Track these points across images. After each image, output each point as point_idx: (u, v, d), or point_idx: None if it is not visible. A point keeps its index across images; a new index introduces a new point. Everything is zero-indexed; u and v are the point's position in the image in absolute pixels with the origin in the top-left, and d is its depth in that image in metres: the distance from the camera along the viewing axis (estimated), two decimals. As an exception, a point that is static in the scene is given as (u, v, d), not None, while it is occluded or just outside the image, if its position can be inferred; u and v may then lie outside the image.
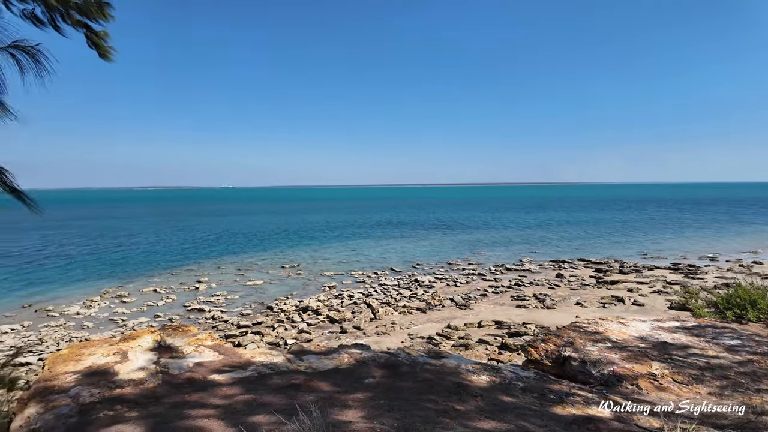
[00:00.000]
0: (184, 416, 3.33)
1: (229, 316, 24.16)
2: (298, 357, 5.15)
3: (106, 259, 41.92)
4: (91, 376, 4.22)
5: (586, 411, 3.86)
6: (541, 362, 5.51)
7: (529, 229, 64.72)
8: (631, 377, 4.72)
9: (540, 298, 24.64)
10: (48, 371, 4.41)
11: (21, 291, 29.24)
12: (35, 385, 4.04)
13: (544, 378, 4.64)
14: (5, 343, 19.93)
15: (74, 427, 3.29)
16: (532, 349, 5.67)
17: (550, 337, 5.86)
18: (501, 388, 4.31)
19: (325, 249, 46.56)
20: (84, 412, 3.54)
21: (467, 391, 4.10)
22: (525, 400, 4.06)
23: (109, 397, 3.78)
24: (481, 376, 4.57)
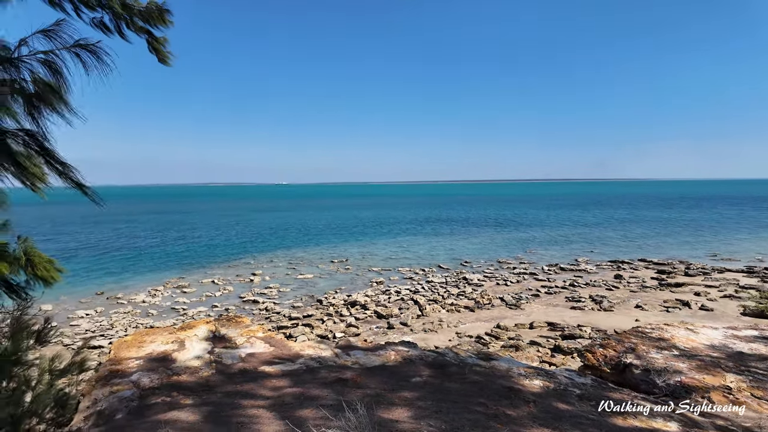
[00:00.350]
0: (236, 406, 3.42)
1: (281, 308, 24.92)
2: (345, 352, 5.18)
3: (170, 251, 44.59)
4: (151, 362, 4.45)
5: (651, 424, 3.58)
6: (599, 368, 5.19)
7: (586, 227, 61.84)
8: (702, 389, 4.33)
9: (596, 299, 23.46)
10: (114, 356, 4.70)
11: (95, 279, 31.73)
12: (102, 368, 4.32)
13: (603, 385, 4.36)
14: (81, 327, 21.69)
15: (135, 411, 3.47)
16: (589, 355, 5.36)
17: (609, 342, 5.51)
18: (555, 394, 4.09)
19: (374, 245, 46.93)
20: (144, 396, 3.73)
21: (519, 396, 3.93)
22: (582, 408, 3.83)
23: (166, 384, 3.96)
24: (533, 380, 4.37)
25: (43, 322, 3.89)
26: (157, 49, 3.50)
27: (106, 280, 31.46)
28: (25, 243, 5.34)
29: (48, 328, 3.85)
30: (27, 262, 5.36)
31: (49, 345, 3.81)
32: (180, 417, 3.19)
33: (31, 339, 3.69)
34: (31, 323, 3.77)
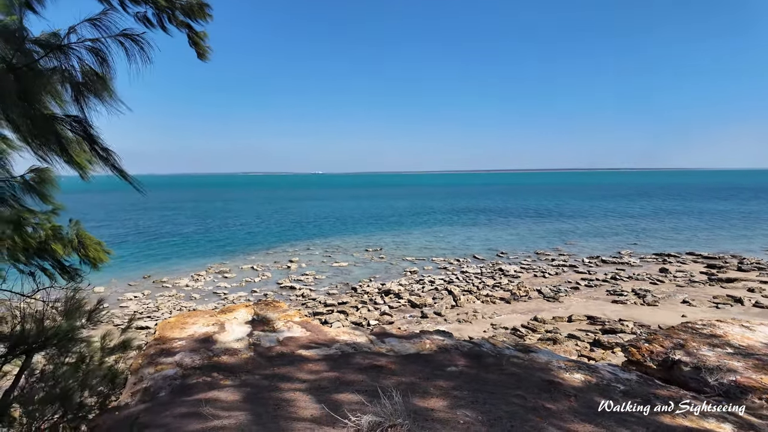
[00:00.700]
0: (273, 388, 3.48)
1: (317, 294, 25.39)
2: (380, 339, 5.18)
3: (212, 237, 46.24)
4: (193, 343, 4.62)
5: (702, 424, 3.38)
6: (643, 364, 4.96)
7: (631, 218, 59.25)
8: (760, 390, 4.05)
9: (640, 293, 22.51)
10: (159, 336, 4.91)
11: (143, 264, 33.37)
12: (147, 348, 4.51)
13: (649, 382, 4.16)
14: (130, 308, 22.91)
15: (178, 389, 3.61)
16: (634, 350, 5.13)
17: (656, 337, 5.25)
18: (598, 389, 3.94)
19: (408, 234, 46.87)
20: (186, 376, 3.87)
21: (559, 390, 3.81)
22: (626, 404, 3.67)
23: (207, 365, 4.09)
24: (574, 374, 4.22)
25: (95, 303, 4.10)
26: (197, 43, 3.56)
27: (153, 265, 33.01)
28: (76, 226, 5.63)
29: (99, 309, 4.06)
30: (78, 244, 5.67)
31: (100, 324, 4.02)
32: (220, 396, 3.28)
33: (84, 318, 3.90)
34: (83, 303, 3.98)
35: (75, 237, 5.62)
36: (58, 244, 5.40)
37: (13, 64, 1.87)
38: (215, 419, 2.73)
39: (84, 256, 5.66)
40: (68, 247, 5.59)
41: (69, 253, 5.59)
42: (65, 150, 2.30)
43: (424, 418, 2.99)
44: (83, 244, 5.63)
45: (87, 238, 5.68)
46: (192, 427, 2.61)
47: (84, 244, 5.63)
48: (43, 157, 2.29)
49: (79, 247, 5.65)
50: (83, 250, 5.62)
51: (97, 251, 5.72)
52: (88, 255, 5.65)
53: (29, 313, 3.54)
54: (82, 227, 5.69)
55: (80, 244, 5.66)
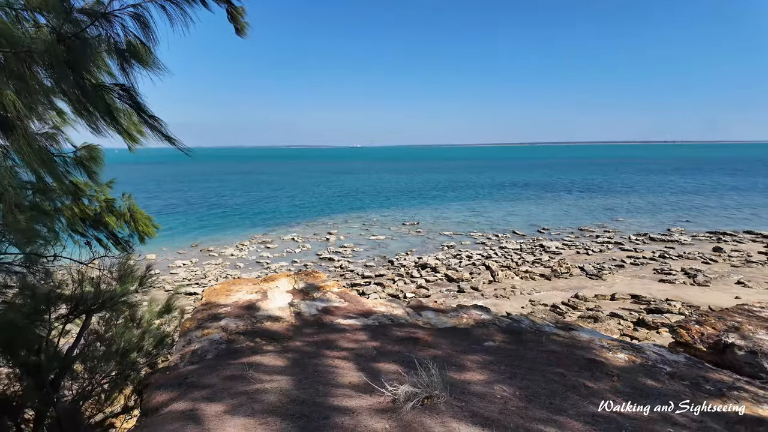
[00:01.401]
0: (314, 355, 3.59)
1: (355, 266, 25.82)
2: (416, 312, 5.21)
3: (256, 209, 47.68)
4: (237, 309, 4.81)
5: (756, 411, 3.20)
6: (693, 346, 4.73)
7: (683, 194, 55.95)
8: (824, 379, 3.78)
9: (690, 273, 21.42)
10: (206, 302, 5.14)
11: (191, 233, 34.97)
12: (195, 313, 4.74)
13: (699, 365, 3.97)
14: (179, 275, 24.19)
15: (224, 353, 3.78)
16: (682, 331, 4.90)
17: (708, 318, 4.98)
18: (643, 370, 3.80)
19: (446, 208, 46.46)
20: (231, 341, 4.04)
21: (601, 369, 3.70)
22: (673, 387, 3.52)
23: (251, 330, 4.25)
24: (618, 354, 4.09)
25: (145, 269, 4.32)
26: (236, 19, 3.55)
27: (200, 234, 34.53)
28: (129, 200, 5.92)
29: (149, 275, 4.28)
30: (130, 218, 5.96)
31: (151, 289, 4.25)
32: (263, 361, 3.41)
33: (136, 283, 4.13)
34: (135, 270, 4.21)
35: (127, 210, 5.92)
36: (111, 217, 5.70)
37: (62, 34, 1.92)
38: (258, 383, 2.85)
39: (134, 230, 5.96)
40: (120, 219, 5.90)
41: (121, 225, 5.90)
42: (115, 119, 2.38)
43: (461, 391, 2.99)
44: (134, 217, 5.92)
45: (138, 212, 5.97)
46: (236, 389, 2.74)
47: (135, 218, 5.92)
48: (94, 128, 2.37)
49: (130, 221, 5.95)
50: (134, 223, 5.91)
51: (146, 225, 6.00)
52: (138, 228, 5.95)
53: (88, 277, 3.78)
54: (134, 201, 5.98)
55: (132, 218, 5.96)
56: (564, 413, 2.81)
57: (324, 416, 2.39)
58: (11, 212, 2.73)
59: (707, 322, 4.92)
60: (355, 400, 2.67)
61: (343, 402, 2.59)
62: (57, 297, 3.32)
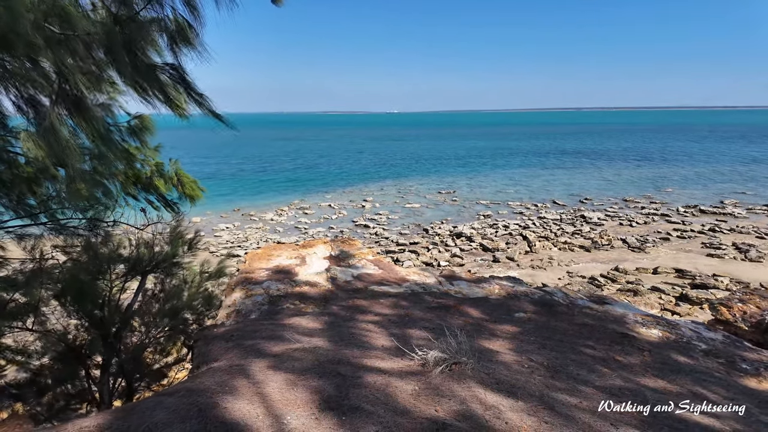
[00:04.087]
0: (349, 318, 3.79)
1: (390, 233, 26.12)
2: (449, 281, 5.32)
3: (294, 176, 48.61)
4: (278, 273, 5.08)
5: (794, 392, 3.15)
6: (734, 324, 4.63)
7: (743, 163, 52.21)
8: None
9: (741, 248, 20.31)
10: (248, 266, 5.44)
11: (234, 197, 36.24)
12: (238, 275, 5.05)
13: (737, 344, 3.90)
14: (222, 238, 25.30)
15: (266, 313, 4.05)
16: (723, 308, 4.78)
17: (752, 296, 4.82)
18: (676, 346, 3.78)
19: (484, 177, 45.65)
20: (273, 302, 4.31)
21: (633, 344, 3.71)
22: (706, 364, 3.50)
23: (291, 293, 4.51)
24: (651, 329, 4.07)
25: (194, 233, 4.62)
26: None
27: (242, 199, 35.73)
28: (175, 165, 6.23)
29: (197, 238, 4.58)
30: (177, 182, 6.29)
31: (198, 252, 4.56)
32: (301, 323, 3.64)
33: (185, 246, 4.43)
34: (184, 233, 4.51)
35: (174, 175, 6.25)
36: (160, 180, 6.05)
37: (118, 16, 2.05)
38: (297, 342, 3.06)
39: (182, 193, 6.31)
40: (169, 183, 6.24)
41: (169, 189, 6.25)
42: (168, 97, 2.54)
43: (488, 359, 3.11)
44: (181, 181, 6.25)
45: (184, 176, 6.29)
46: (277, 348, 2.96)
47: (182, 182, 6.25)
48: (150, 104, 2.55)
49: (177, 184, 6.29)
50: (181, 186, 6.25)
51: (193, 189, 6.32)
52: (185, 191, 6.29)
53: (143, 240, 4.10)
54: (180, 166, 6.30)
55: (179, 182, 6.29)
56: (590, 384, 2.88)
57: (357, 376, 2.57)
58: (73, 182, 2.99)
59: (751, 300, 4.78)
60: (387, 362, 2.84)
61: (375, 363, 2.76)
62: (116, 258, 3.64)
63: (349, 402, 2.26)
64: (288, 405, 2.16)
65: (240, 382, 2.34)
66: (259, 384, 2.33)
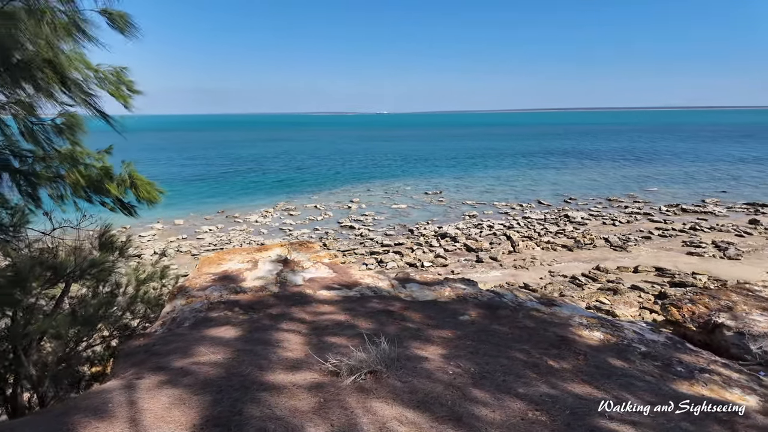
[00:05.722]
0: (276, 327, 3.67)
1: (375, 234, 26.01)
2: (402, 284, 5.23)
3: (281, 177, 48.30)
4: (223, 279, 4.95)
5: (723, 394, 3.10)
6: (683, 325, 4.58)
7: (726, 162, 52.83)
8: (811, 364, 3.60)
9: (721, 246, 20.49)
10: (198, 270, 5.31)
11: (218, 199, 35.91)
12: (185, 281, 4.92)
13: (678, 345, 3.84)
14: (205, 240, 25.01)
15: (200, 321, 3.93)
16: (674, 309, 4.74)
17: (702, 297, 4.79)
18: (615, 349, 3.71)
19: (470, 177, 45.71)
20: (210, 309, 4.18)
21: (570, 348, 3.64)
22: (642, 368, 3.44)
23: (231, 300, 4.39)
24: (594, 332, 4.00)
25: (125, 239, 4.48)
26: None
27: (227, 201, 35.40)
28: (129, 166, 6.08)
29: (128, 244, 4.44)
30: (131, 184, 6.13)
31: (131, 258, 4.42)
32: (227, 332, 3.53)
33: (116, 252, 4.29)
34: (115, 239, 4.37)
35: (128, 177, 6.09)
36: (112, 184, 5.90)
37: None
38: (209, 354, 2.95)
39: (137, 196, 6.16)
40: (122, 186, 6.09)
41: (122, 192, 6.10)
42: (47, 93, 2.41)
43: (412, 367, 3.01)
44: (135, 184, 6.10)
45: (139, 179, 6.12)
46: (185, 360, 2.84)
47: (135, 185, 6.10)
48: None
49: (131, 187, 6.14)
50: (135, 189, 6.10)
51: (149, 191, 6.16)
52: (140, 194, 6.13)
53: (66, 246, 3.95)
54: (134, 168, 6.14)
55: (132, 184, 6.13)
56: (511, 392, 2.79)
57: (261, 389, 2.46)
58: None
59: (700, 301, 4.74)
60: (299, 373, 2.74)
61: (280, 377, 2.65)
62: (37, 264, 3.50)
63: (240, 418, 2.16)
64: (165, 425, 2.05)
65: (122, 401, 2.22)
66: (143, 402, 2.21)
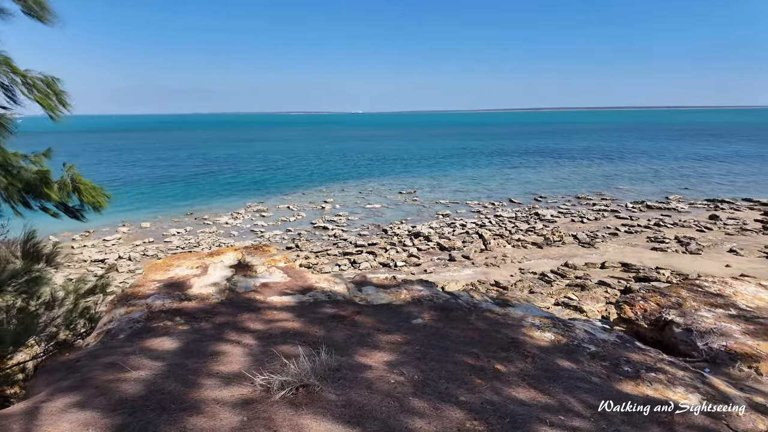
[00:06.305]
0: (219, 337, 3.50)
1: (349, 235, 25.82)
2: (358, 288, 5.11)
3: (253, 177, 47.47)
4: (169, 286, 4.72)
5: (666, 394, 3.10)
6: (635, 323, 4.62)
7: (688, 160, 54.85)
8: (751, 358, 3.66)
9: (683, 241, 21.19)
10: (143, 277, 5.06)
11: (187, 201, 34.99)
12: (128, 289, 4.67)
13: (627, 344, 3.85)
14: (173, 243, 24.28)
15: (136, 332, 3.71)
16: (627, 306, 4.78)
17: (653, 294, 4.84)
18: (565, 350, 3.69)
19: (444, 177, 45.99)
20: (150, 319, 3.96)
21: (519, 350, 3.60)
22: (590, 368, 3.42)
23: (173, 309, 4.17)
24: (545, 332, 3.98)
25: (52, 247, 4.22)
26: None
27: (196, 202, 34.55)
28: (70, 170, 5.75)
29: (56, 252, 4.18)
30: (74, 188, 5.80)
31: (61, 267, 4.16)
32: (163, 344, 3.33)
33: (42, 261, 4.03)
34: (41, 247, 4.10)
35: (70, 181, 5.76)
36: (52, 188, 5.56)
37: None
38: (136, 370, 2.76)
39: (81, 200, 5.83)
40: (63, 190, 5.75)
41: (65, 196, 5.76)
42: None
43: (353, 377, 2.90)
44: (77, 188, 5.77)
45: (82, 182, 5.79)
46: (107, 377, 2.65)
47: (78, 189, 5.77)
48: None
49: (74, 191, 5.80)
50: (78, 194, 5.77)
51: (94, 195, 5.84)
52: (83, 199, 5.81)
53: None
54: (77, 171, 5.81)
55: (75, 188, 5.80)
56: (452, 401, 2.71)
57: (183, 408, 2.30)
58: None
59: (652, 298, 4.79)
60: (229, 389, 2.59)
61: (205, 394, 2.50)
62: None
63: (152, 442, 2.00)
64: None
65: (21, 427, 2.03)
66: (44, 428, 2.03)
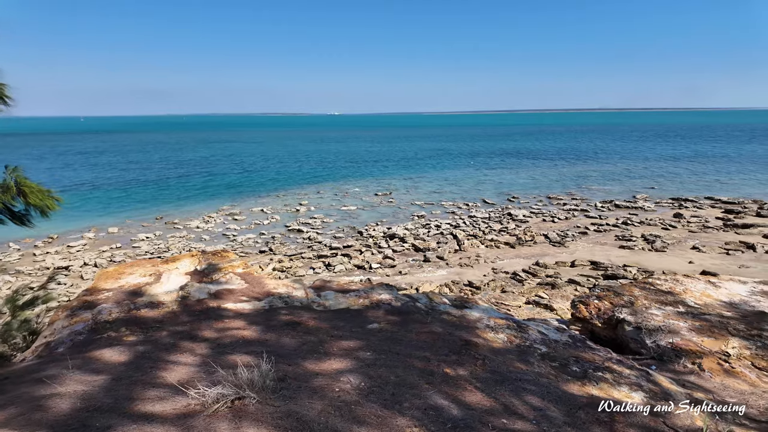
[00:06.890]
0: (169, 347, 3.39)
1: (324, 237, 25.64)
2: (317, 293, 5.05)
3: (226, 180, 46.65)
4: (120, 294, 4.57)
5: (611, 393, 3.16)
6: (590, 322, 4.71)
7: (655, 160, 56.69)
8: (695, 354, 3.77)
9: (649, 239, 21.87)
10: (92, 286, 4.87)
11: (156, 205, 34.11)
12: (73, 299, 4.48)
13: (578, 344, 3.92)
14: (141, 248, 23.61)
15: (78, 345, 3.56)
16: (582, 306, 4.87)
17: (607, 293, 4.95)
18: (516, 351, 3.73)
19: (420, 178, 46.24)
20: (95, 330, 3.82)
21: (471, 352, 3.61)
22: (539, 369, 3.46)
23: (122, 319, 4.03)
24: (499, 334, 4.01)
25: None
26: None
27: (166, 206, 33.71)
28: (14, 172, 5.49)
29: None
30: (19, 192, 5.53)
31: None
32: (105, 356, 3.21)
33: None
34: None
35: (13, 184, 5.50)
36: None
37: None
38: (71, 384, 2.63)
39: (27, 204, 5.57)
40: (7, 194, 5.48)
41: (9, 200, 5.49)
42: None
43: (297, 386, 2.85)
44: (22, 191, 5.51)
45: (27, 185, 5.54)
46: (38, 393, 2.52)
47: (24, 192, 5.51)
48: None
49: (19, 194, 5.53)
50: (24, 197, 5.51)
51: (41, 199, 5.60)
52: (30, 202, 5.55)
53: None
54: (22, 174, 5.56)
55: (20, 192, 5.53)
56: (397, 407, 2.69)
57: (111, 425, 2.20)
58: None
59: (606, 297, 4.89)
60: (166, 403, 2.50)
61: (139, 408, 2.40)
62: None
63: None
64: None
65: None
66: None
